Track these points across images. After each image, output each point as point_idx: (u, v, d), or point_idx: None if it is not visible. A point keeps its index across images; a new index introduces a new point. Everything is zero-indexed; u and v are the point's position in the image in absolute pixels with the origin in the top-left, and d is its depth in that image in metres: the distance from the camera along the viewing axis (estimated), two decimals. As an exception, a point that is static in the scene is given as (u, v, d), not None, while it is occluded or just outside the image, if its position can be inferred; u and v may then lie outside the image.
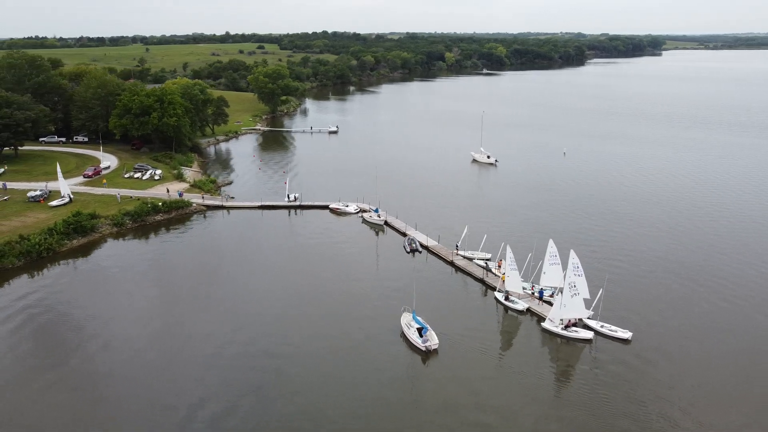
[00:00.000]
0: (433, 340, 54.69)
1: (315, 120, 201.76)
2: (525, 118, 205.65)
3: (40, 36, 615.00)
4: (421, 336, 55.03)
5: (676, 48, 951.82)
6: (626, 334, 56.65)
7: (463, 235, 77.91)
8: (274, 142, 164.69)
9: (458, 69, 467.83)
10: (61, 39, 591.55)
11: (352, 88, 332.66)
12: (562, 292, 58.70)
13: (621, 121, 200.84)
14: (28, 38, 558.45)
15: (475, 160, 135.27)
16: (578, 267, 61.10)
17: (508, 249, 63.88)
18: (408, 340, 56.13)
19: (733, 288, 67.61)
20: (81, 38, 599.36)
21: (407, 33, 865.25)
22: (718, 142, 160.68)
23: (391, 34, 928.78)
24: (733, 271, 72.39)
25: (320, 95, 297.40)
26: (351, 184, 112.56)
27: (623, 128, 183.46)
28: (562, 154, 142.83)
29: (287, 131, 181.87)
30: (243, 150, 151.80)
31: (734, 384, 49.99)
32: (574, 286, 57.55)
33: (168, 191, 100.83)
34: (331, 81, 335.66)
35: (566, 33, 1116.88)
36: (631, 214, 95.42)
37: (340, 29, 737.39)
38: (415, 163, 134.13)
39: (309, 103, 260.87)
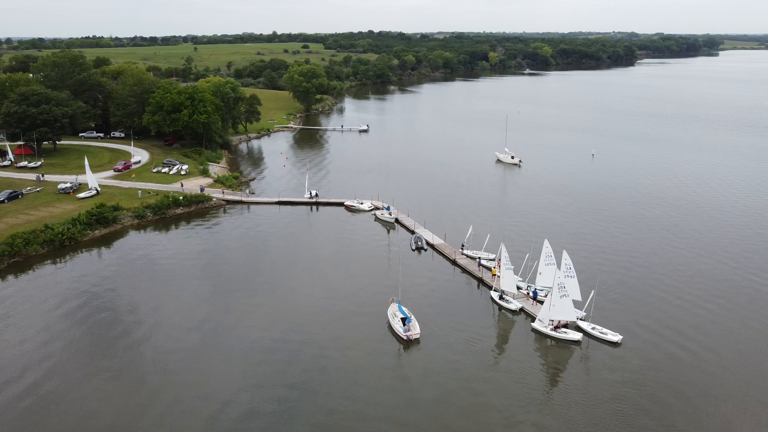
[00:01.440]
0: (414, 330, 56.34)
1: (347, 119, 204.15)
2: (561, 119, 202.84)
3: (98, 36, 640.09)
4: (404, 326, 56.48)
5: (734, 48, 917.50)
6: (616, 338, 56.05)
7: (468, 234, 78.15)
8: (304, 140, 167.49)
9: (502, 69, 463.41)
10: (116, 39, 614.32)
11: (391, 88, 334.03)
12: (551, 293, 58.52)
13: (661, 123, 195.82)
14: (86, 38, 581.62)
15: (499, 161, 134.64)
16: (570, 268, 60.93)
17: (503, 248, 63.94)
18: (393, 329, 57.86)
19: (735, 297, 65.87)
20: (135, 38, 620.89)
21: (455, 33, 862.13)
22: (764, 146, 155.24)
23: (439, 33, 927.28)
24: (740, 280, 70.46)
25: (360, 94, 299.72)
26: (371, 182, 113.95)
27: (662, 131, 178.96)
28: (591, 155, 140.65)
29: (319, 129, 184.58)
30: (272, 147, 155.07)
31: (721, 392, 49.00)
32: (564, 287, 57.25)
33: (182, 185, 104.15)
34: (370, 80, 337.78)
35: (619, 33, 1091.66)
36: (645, 217, 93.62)
37: (389, 29, 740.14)
38: (439, 161, 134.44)
39: (347, 102, 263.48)
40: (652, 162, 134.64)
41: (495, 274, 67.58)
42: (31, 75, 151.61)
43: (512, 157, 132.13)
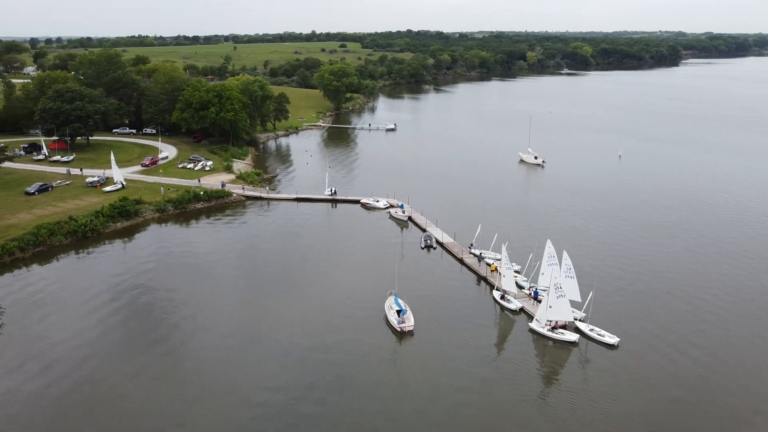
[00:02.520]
0: (408, 322, 57.65)
1: (375, 118, 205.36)
2: (592, 120, 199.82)
3: (143, 35, 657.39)
4: (399, 318, 57.94)
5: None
6: (613, 340, 55.54)
7: (477, 233, 78.21)
8: (331, 138, 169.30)
9: (540, 69, 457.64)
10: (159, 38, 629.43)
11: (426, 87, 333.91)
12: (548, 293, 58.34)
13: (694, 125, 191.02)
14: (131, 37, 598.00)
15: (522, 161, 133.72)
16: (570, 268, 60.74)
17: (504, 248, 64.11)
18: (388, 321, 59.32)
19: (747, 305, 64.34)
20: (178, 37, 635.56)
21: (496, 32, 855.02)
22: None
23: (480, 33, 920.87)
24: (757, 289, 68.75)
25: (393, 93, 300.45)
26: (390, 180, 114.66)
27: (698, 132, 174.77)
28: (617, 157, 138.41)
29: (347, 128, 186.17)
30: (299, 145, 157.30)
31: (718, 400, 48.20)
32: (560, 288, 56.96)
33: (199, 181, 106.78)
34: (404, 79, 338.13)
35: (665, 32, 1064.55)
36: (664, 220, 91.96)
37: (430, 28, 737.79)
38: (461, 161, 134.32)
39: (380, 101, 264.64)
40: (679, 164, 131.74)
41: (494, 270, 68.17)
42: (71, 73, 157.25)
43: (535, 158, 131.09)
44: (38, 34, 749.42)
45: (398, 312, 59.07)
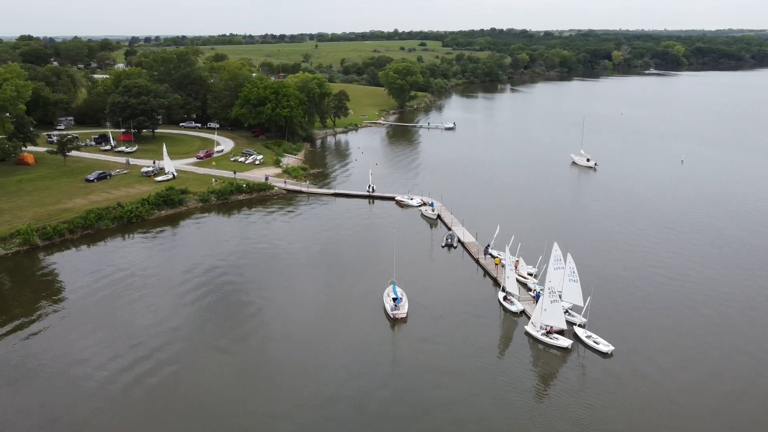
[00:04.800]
0: (401, 310, 59.58)
1: (435, 116, 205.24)
2: (665, 122, 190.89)
3: (235, 33, 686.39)
4: (394, 305, 60.18)
5: None
6: (607, 348, 53.82)
7: (495, 234, 77.42)
8: (388, 136, 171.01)
9: (626, 69, 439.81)
10: (248, 36, 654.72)
11: (501, 86, 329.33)
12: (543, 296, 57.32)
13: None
14: (222, 35, 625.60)
15: (574, 163, 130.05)
16: (574, 272, 59.44)
17: (507, 251, 63.56)
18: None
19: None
20: (265, 35, 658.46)
21: (586, 30, 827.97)
22: None
23: (570, 31, 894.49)
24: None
25: (467, 92, 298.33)
26: (430, 179, 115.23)
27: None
28: (680, 162, 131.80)
29: (406, 126, 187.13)
30: (355, 142, 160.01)
31: (702, 416, 45.99)
32: (555, 292, 55.75)
33: (234, 173, 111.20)
34: (478, 78, 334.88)
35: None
36: (712, 229, 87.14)
37: (518, 27, 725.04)
38: (512, 162, 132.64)
39: (452, 100, 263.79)
40: (750, 173, 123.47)
41: (498, 264, 69.03)
42: (144, 70, 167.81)
43: (587, 160, 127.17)
44: (140, 33, 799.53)
45: (394, 300, 60.95)
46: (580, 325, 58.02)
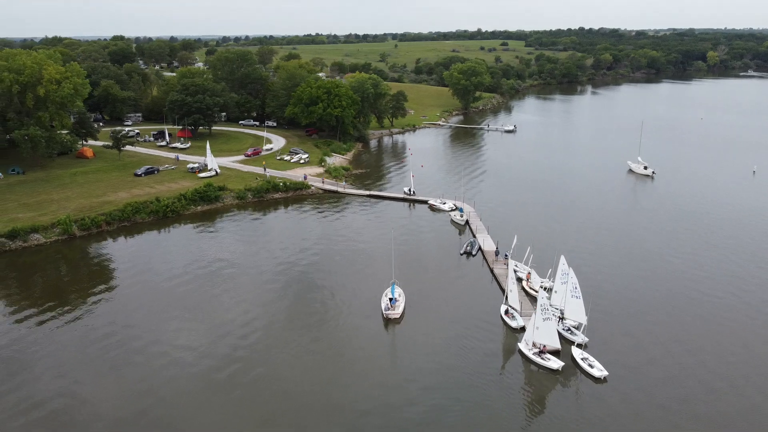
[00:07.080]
0: (395, 311, 59.43)
1: (498, 119, 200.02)
2: (748, 130, 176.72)
3: (320, 33, 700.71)
4: (390, 305, 60.19)
5: None
6: (601, 373, 50.02)
7: (513, 244, 74.05)
8: (445, 137, 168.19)
9: (722, 70, 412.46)
10: (332, 36, 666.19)
11: (580, 88, 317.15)
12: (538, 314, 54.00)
13: None
14: (306, 35, 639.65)
15: (631, 171, 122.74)
16: (576, 288, 56.03)
17: (511, 263, 60.73)
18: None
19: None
20: (349, 35, 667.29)
21: (683, 29, 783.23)
22: None
23: (668, 30, 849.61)
24: None
25: (544, 94, 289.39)
26: (472, 183, 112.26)
27: None
28: (752, 173, 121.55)
29: (467, 128, 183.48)
30: (410, 143, 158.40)
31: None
32: (547, 309, 52.38)
33: (264, 169, 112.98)
34: (555, 79, 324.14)
35: None
36: (747, 244, 79.62)
37: (608, 26, 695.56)
38: (566, 168, 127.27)
39: (526, 101, 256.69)
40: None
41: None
42: (207, 69, 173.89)
43: (645, 168, 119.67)
44: (232, 33, 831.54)
45: (390, 300, 60.79)
46: (579, 345, 54.32)
